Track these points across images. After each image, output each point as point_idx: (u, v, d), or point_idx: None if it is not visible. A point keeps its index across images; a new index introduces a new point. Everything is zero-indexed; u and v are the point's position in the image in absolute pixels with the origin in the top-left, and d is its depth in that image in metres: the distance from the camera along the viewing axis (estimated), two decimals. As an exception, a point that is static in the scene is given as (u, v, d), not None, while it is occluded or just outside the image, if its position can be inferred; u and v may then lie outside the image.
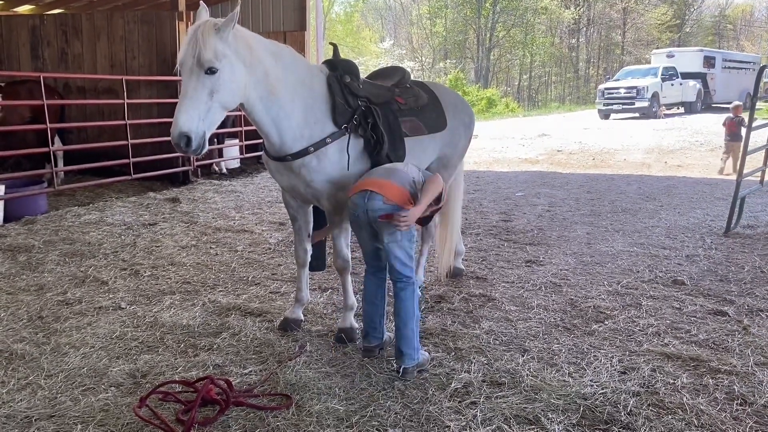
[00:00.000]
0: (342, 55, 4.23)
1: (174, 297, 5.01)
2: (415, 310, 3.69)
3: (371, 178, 3.70)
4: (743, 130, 8.80)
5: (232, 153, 12.45)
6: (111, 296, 5.02)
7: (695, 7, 57.17)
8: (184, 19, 10.42)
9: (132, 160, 9.47)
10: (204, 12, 3.53)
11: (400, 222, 3.51)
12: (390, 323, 4.07)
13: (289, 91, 3.74)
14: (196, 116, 3.26)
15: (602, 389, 3.46)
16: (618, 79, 28.98)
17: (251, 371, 3.73)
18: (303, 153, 3.80)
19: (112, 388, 3.49)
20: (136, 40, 10.79)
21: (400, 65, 5.31)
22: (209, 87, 3.30)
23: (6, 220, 7.40)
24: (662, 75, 27.87)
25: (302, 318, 4.45)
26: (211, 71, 3.28)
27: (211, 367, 3.76)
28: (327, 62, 4.08)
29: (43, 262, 5.88)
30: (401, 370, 3.63)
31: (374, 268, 3.89)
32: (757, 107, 7.01)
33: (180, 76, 3.41)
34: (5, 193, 7.53)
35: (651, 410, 3.26)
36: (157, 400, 3.33)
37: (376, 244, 3.79)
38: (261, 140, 4.04)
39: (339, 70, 3.99)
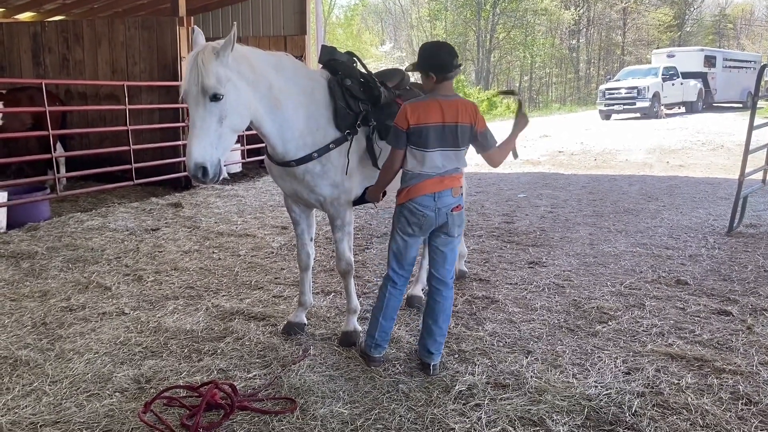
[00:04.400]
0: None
1: (177, 302, 5.02)
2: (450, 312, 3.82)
3: (431, 179, 3.56)
4: None
5: (234, 157, 12.47)
6: (114, 302, 5.03)
7: (695, 7, 57.15)
8: (185, 25, 10.43)
9: (134, 165, 9.48)
10: (200, 36, 3.49)
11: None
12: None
13: (293, 102, 3.74)
14: (209, 145, 3.23)
15: (606, 390, 3.46)
16: (619, 80, 28.97)
17: (255, 375, 3.73)
18: (307, 159, 3.81)
19: (117, 394, 3.49)
20: (137, 46, 10.81)
21: (400, 67, 5.30)
22: (217, 114, 3.27)
23: (9, 226, 7.41)
24: (663, 75, 27.86)
25: (306, 322, 4.45)
26: (216, 98, 3.25)
27: (215, 372, 3.77)
28: (327, 66, 4.08)
29: (46, 269, 5.90)
30: (433, 368, 3.69)
31: (404, 280, 3.80)
32: (758, 106, 6.99)
33: (185, 104, 3.38)
34: (8, 199, 7.55)
35: (656, 410, 3.25)
36: (161, 405, 3.34)
37: (418, 252, 3.80)
38: (262, 144, 4.05)
39: (340, 73, 4.00)
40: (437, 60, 3.55)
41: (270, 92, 3.62)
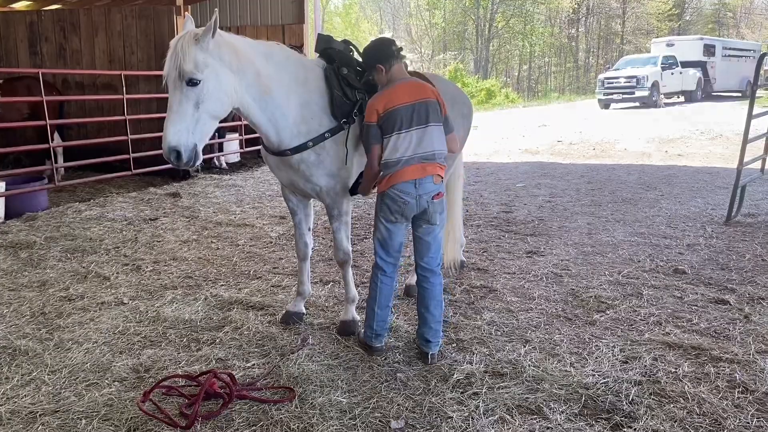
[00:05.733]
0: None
1: (176, 292, 5.02)
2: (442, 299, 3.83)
3: (411, 166, 3.58)
4: None
5: (232, 147, 12.45)
6: (113, 292, 5.04)
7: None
8: (182, 14, 10.39)
9: (132, 155, 9.46)
10: (189, 22, 3.49)
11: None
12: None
13: (284, 89, 3.72)
14: (185, 129, 3.24)
15: (604, 379, 3.47)
16: (618, 69, 28.90)
17: (254, 365, 3.74)
18: (302, 148, 3.80)
19: (116, 383, 3.50)
20: (134, 35, 10.76)
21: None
22: (194, 99, 3.26)
23: (7, 216, 7.41)
24: (662, 64, 27.78)
25: (304, 311, 4.46)
26: (192, 83, 3.25)
27: (213, 361, 3.78)
28: (324, 54, 4.05)
29: (44, 259, 5.90)
30: (431, 357, 3.70)
31: (392, 266, 3.81)
32: (757, 95, 6.98)
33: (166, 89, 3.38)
34: (6, 189, 7.54)
35: (652, 399, 3.27)
36: (160, 394, 3.35)
37: (405, 237, 3.81)
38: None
39: (336, 62, 3.98)
40: (378, 52, 3.75)
41: (258, 79, 3.60)
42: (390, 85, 3.70)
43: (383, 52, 3.74)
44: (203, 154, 3.42)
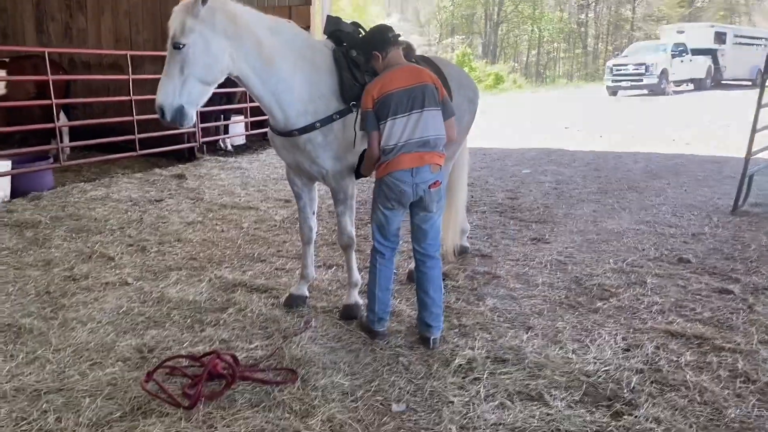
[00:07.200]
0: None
1: (180, 273, 5.04)
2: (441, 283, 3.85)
3: (409, 154, 3.58)
4: None
5: (238, 130, 12.42)
6: (118, 272, 5.06)
7: (707, -18, 56.27)
8: (188, -6, 10.31)
9: (138, 136, 9.45)
10: None
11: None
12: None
13: (289, 64, 3.72)
14: (171, 90, 3.41)
15: (605, 366, 3.48)
16: (627, 56, 28.65)
17: (257, 346, 3.76)
18: (309, 128, 3.79)
19: (120, 363, 3.53)
20: (141, 15, 10.71)
21: (406, 40, 5.23)
22: (179, 62, 3.41)
23: (13, 195, 7.43)
24: (672, 51, 27.52)
25: (307, 294, 4.47)
26: (177, 47, 3.39)
27: (217, 342, 3.80)
28: (332, 36, 4.02)
29: (49, 238, 5.92)
30: (433, 342, 3.71)
31: (390, 250, 3.83)
32: (767, 84, 6.91)
33: None
34: (12, 168, 7.55)
35: (654, 387, 3.27)
36: (164, 374, 3.37)
37: (401, 223, 3.83)
38: (266, 117, 4.03)
39: (345, 44, 3.95)
40: (374, 39, 3.78)
41: (259, 49, 3.62)
42: (386, 71, 3.69)
43: (379, 38, 3.75)
44: (210, 137, 3.49)
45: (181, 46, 3.38)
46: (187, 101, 3.45)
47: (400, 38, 3.85)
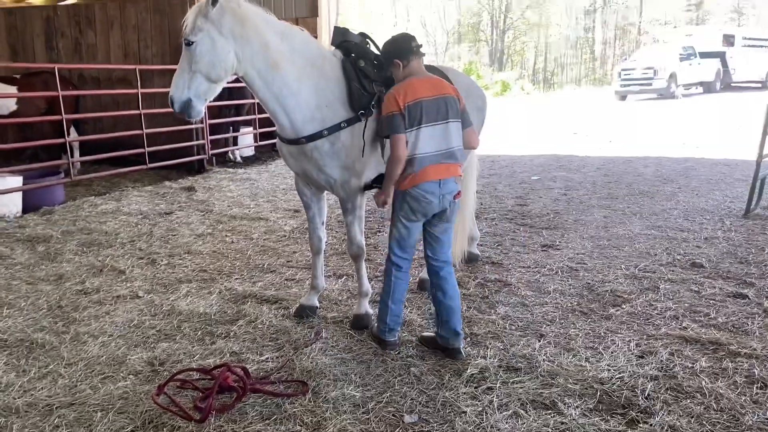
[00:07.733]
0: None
1: (191, 285, 5.05)
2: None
3: (435, 165, 3.57)
4: None
5: (247, 141, 12.48)
6: (128, 285, 5.07)
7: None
8: (196, 8, 10.40)
9: (147, 149, 9.51)
10: None
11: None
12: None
13: (296, 70, 3.75)
14: (181, 84, 3.59)
15: (619, 373, 3.44)
16: (635, 60, 28.56)
17: (268, 358, 3.75)
18: (317, 136, 3.79)
19: (131, 376, 3.53)
20: (149, 29, 10.80)
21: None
22: (188, 58, 3.57)
23: (24, 210, 7.49)
24: (680, 54, 27.41)
25: (318, 305, 4.46)
26: (188, 44, 3.54)
27: (228, 355, 3.79)
28: (341, 47, 4.03)
29: (61, 252, 5.95)
30: (463, 350, 3.69)
31: (408, 263, 3.81)
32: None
33: None
34: (23, 184, 7.61)
35: (669, 394, 3.23)
36: (175, 387, 3.37)
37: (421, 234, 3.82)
38: (275, 128, 4.04)
39: (353, 54, 3.96)
40: (396, 48, 3.76)
41: (266, 52, 3.66)
42: (408, 80, 3.67)
43: (401, 47, 3.74)
44: (220, 147, 3.58)
45: (190, 43, 3.53)
46: (194, 95, 3.60)
47: (422, 47, 3.85)
